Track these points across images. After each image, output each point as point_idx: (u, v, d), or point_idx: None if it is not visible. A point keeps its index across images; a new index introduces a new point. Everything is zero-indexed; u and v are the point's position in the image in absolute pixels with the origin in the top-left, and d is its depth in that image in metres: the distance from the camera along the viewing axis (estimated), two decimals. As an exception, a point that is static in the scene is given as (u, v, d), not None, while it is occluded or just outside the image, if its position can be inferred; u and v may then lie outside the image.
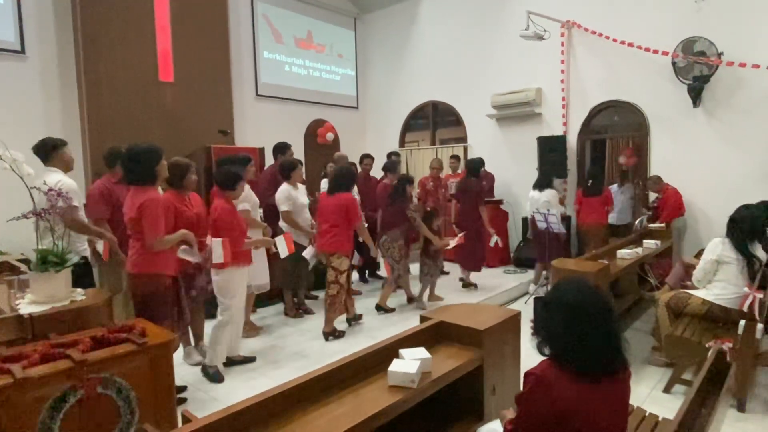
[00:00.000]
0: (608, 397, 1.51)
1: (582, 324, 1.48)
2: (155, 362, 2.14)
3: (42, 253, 2.45)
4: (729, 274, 3.31)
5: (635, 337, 4.27)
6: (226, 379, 3.52)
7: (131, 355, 2.07)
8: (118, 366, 2.03)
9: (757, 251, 3.32)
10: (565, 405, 1.45)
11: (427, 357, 2.05)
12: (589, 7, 6.85)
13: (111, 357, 2.01)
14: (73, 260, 2.56)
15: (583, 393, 1.46)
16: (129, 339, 2.13)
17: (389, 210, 5.07)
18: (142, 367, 2.11)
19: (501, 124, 8.00)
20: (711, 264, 3.38)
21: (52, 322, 2.34)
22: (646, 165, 6.65)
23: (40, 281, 2.44)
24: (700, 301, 3.41)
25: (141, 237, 2.95)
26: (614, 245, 4.87)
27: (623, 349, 1.54)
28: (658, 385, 3.39)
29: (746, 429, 2.81)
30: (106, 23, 5.93)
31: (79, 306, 2.44)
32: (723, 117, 5.95)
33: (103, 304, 2.58)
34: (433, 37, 8.77)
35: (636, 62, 6.43)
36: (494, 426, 1.96)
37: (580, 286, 1.55)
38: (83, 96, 5.85)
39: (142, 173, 2.97)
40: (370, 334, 4.39)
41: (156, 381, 2.13)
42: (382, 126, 9.65)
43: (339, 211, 4.24)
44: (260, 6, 8.00)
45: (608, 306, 1.54)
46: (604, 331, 1.49)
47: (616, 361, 1.52)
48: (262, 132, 7.56)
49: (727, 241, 3.36)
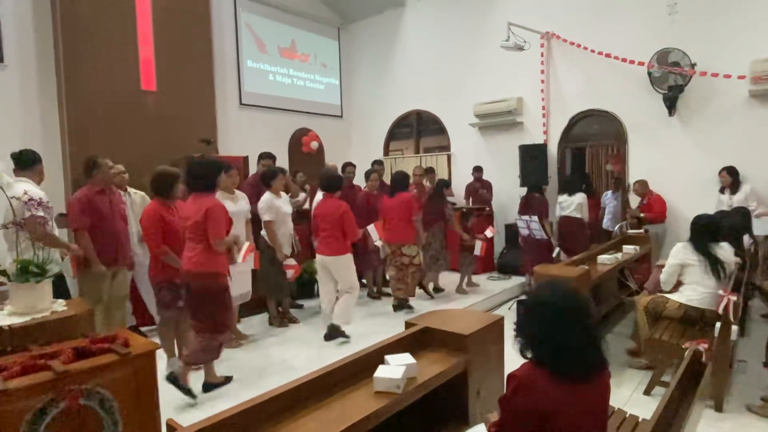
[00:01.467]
0: (589, 397, 1.54)
1: (562, 326, 1.51)
2: (139, 372, 2.11)
3: (22, 263, 2.41)
4: (695, 276, 3.45)
5: (616, 340, 4.33)
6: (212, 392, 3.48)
7: (114, 365, 2.04)
8: (101, 377, 2.00)
9: (718, 252, 3.43)
10: (546, 406, 1.48)
11: (412, 362, 2.07)
12: (567, 19, 7.02)
13: (93, 368, 1.98)
14: (54, 270, 2.52)
15: (564, 394, 1.49)
16: (112, 349, 2.10)
17: (429, 209, 5.76)
18: (125, 378, 2.08)
19: (483, 133, 8.12)
20: (675, 268, 3.53)
21: (32, 334, 2.30)
22: (625, 172, 6.80)
23: (20, 292, 2.40)
24: (677, 304, 3.51)
25: (203, 239, 3.24)
26: (595, 251, 4.96)
27: (603, 350, 1.58)
28: (639, 387, 3.44)
29: (723, 428, 2.88)
30: (87, 32, 5.88)
31: (60, 317, 2.40)
32: (697, 125, 6.14)
33: (85, 314, 2.54)
34: (417, 47, 8.88)
35: (613, 72, 6.59)
36: (479, 429, 1.97)
37: (560, 290, 1.59)
38: (63, 105, 5.78)
39: (206, 182, 3.34)
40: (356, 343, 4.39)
41: (140, 391, 2.10)
42: (366, 134, 9.71)
43: (401, 208, 5.11)
44: (243, 15, 8.02)
45: (587, 309, 1.57)
46: (584, 333, 1.52)
47: (596, 362, 1.55)
48: (246, 141, 7.56)
49: (688, 245, 3.51)
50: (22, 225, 2.44)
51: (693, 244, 3.49)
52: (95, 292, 3.70)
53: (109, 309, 3.92)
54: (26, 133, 5.50)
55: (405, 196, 5.18)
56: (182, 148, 6.25)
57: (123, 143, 6.07)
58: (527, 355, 1.60)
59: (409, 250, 5.20)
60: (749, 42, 5.66)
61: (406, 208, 5.11)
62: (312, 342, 4.50)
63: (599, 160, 7.85)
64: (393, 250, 5.26)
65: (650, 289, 4.24)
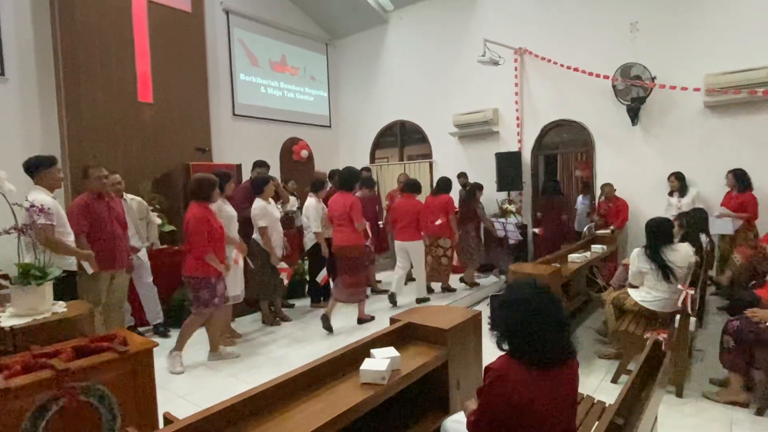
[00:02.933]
0: (560, 384, 1.56)
1: (533, 318, 1.53)
2: (137, 369, 2.10)
3: (23, 267, 2.38)
4: (649, 281, 3.50)
5: (586, 334, 4.39)
6: (206, 385, 3.46)
7: (113, 363, 2.03)
8: (100, 374, 1.99)
9: (669, 256, 3.43)
10: (521, 394, 1.49)
11: (397, 355, 2.08)
12: (539, 36, 7.13)
13: (92, 365, 1.96)
14: (55, 274, 2.49)
15: (537, 382, 1.51)
16: (111, 348, 2.08)
17: (463, 209, 6.34)
18: (124, 375, 2.06)
19: (462, 141, 8.19)
20: (635, 274, 3.60)
21: (33, 335, 2.26)
22: (593, 177, 6.92)
23: (21, 294, 2.36)
24: (633, 302, 3.60)
25: (350, 223, 4.58)
26: (565, 250, 5.03)
27: (571, 340, 1.61)
28: (607, 376, 3.50)
29: (683, 411, 2.94)
30: (86, 46, 5.81)
31: (61, 318, 2.37)
32: (657, 133, 6.28)
33: (85, 315, 2.51)
34: (400, 62, 8.94)
35: (581, 85, 6.72)
36: (458, 417, 2.00)
37: (530, 285, 1.61)
38: (63, 117, 5.69)
39: (350, 184, 4.78)
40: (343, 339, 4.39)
41: (138, 387, 2.09)
42: (353, 143, 9.72)
43: (443, 207, 5.74)
44: (236, 32, 7.99)
45: (556, 301, 1.60)
46: (554, 324, 1.55)
47: (566, 351, 1.58)
48: (239, 150, 7.53)
49: (642, 252, 3.52)
50: (23, 230, 2.40)
51: (646, 251, 3.50)
52: (94, 295, 3.64)
53: (108, 311, 3.87)
54: (27, 145, 5.39)
55: (446, 198, 5.82)
56: (178, 157, 6.20)
57: (120, 153, 6.01)
58: (503, 347, 1.62)
59: (444, 242, 5.85)
60: (703, 57, 5.82)
61: (446, 208, 5.75)
62: (303, 339, 4.49)
63: (570, 166, 7.99)
64: (431, 242, 5.82)
65: (615, 286, 4.33)
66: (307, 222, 5.44)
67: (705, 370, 3.48)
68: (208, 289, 3.69)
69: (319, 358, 2.03)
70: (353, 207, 4.64)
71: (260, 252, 4.66)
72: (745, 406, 2.93)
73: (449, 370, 2.31)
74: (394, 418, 2.23)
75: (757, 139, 5.59)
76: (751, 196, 5.28)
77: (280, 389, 1.78)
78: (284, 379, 1.81)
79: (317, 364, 1.96)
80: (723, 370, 3.10)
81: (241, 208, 4.76)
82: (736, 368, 2.98)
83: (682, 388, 3.14)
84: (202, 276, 3.66)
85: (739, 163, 5.62)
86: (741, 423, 2.78)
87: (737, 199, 5.31)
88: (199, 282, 3.68)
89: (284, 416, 1.68)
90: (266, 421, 1.64)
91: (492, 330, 1.69)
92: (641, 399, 1.86)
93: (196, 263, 3.64)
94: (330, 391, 1.89)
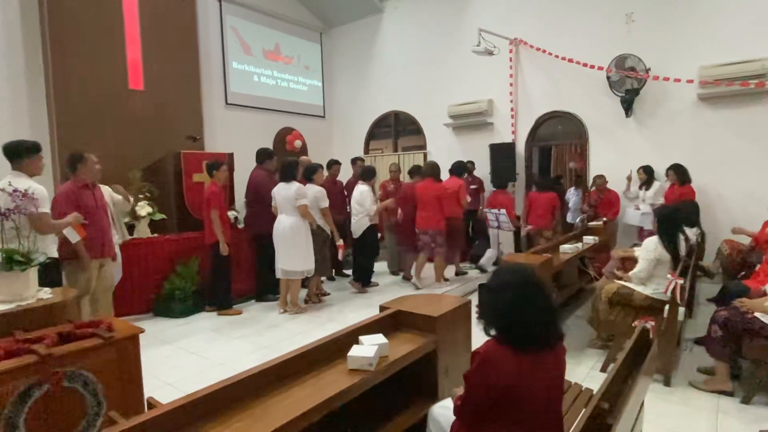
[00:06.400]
0: (546, 369, 1.56)
1: (520, 302, 1.53)
2: (123, 355, 2.07)
3: (7, 252, 2.34)
4: (663, 271, 3.39)
5: (576, 324, 4.42)
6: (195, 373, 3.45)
7: (98, 348, 2.00)
8: (85, 360, 1.97)
9: (680, 245, 3.45)
10: (507, 379, 1.49)
11: (384, 342, 2.07)
12: (534, 26, 7.09)
13: (77, 351, 1.94)
14: (39, 260, 2.45)
15: (523, 367, 1.50)
16: (96, 334, 2.06)
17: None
18: (109, 361, 2.04)
19: (457, 133, 8.16)
20: (652, 263, 3.41)
21: (18, 321, 2.24)
22: (586, 169, 6.93)
23: (5, 280, 2.32)
24: (643, 296, 3.47)
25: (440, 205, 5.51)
26: (557, 241, 5.04)
27: (558, 324, 1.61)
28: (596, 365, 3.52)
29: (671, 400, 2.96)
30: (75, 33, 5.72)
31: (46, 304, 2.34)
32: (651, 125, 6.28)
33: (70, 302, 2.48)
34: (395, 52, 8.87)
35: (576, 76, 6.70)
36: (446, 403, 2.00)
37: (517, 269, 1.61)
38: (52, 103, 5.61)
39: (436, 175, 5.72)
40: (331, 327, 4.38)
41: (123, 373, 2.07)
42: (347, 134, 9.67)
43: (548, 203, 6.04)
44: (229, 19, 7.89)
45: (542, 285, 1.59)
46: (541, 308, 1.54)
47: (553, 336, 1.57)
48: (231, 139, 7.46)
49: (658, 241, 3.42)
50: (6, 215, 2.36)
51: (662, 241, 3.41)
52: (84, 284, 3.60)
53: (96, 300, 3.83)
54: (15, 133, 5.28)
55: (552, 195, 6.16)
56: (169, 145, 6.13)
57: (110, 140, 5.93)
58: (491, 333, 1.61)
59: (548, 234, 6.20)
60: (698, 49, 5.81)
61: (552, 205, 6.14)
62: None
63: (564, 158, 7.99)
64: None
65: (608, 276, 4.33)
66: (359, 208, 5.58)
67: (694, 359, 3.51)
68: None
69: (307, 345, 2.01)
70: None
71: (320, 232, 5.05)
72: (731, 395, 2.96)
73: (438, 358, 2.30)
74: (382, 405, 2.22)
75: (750, 131, 5.60)
76: (690, 188, 5.62)
77: (266, 375, 1.76)
78: (270, 365, 1.79)
79: (304, 351, 1.94)
80: (711, 359, 3.12)
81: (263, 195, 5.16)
82: (723, 357, 3.00)
83: (670, 377, 3.16)
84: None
85: (733, 155, 5.66)
86: (727, 411, 2.80)
87: (678, 192, 5.59)
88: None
89: (269, 402, 1.67)
90: (251, 407, 1.63)
91: (479, 318, 1.68)
92: (628, 385, 1.87)
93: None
94: (317, 377, 1.87)
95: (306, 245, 4.77)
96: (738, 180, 5.67)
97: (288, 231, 4.69)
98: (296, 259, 4.70)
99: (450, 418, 1.75)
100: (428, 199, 5.54)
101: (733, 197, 5.70)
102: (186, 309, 4.92)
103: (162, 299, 4.94)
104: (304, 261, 4.75)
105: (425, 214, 5.57)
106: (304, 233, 4.75)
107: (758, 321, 2.88)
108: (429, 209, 5.53)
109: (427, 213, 5.56)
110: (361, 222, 5.60)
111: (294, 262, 4.71)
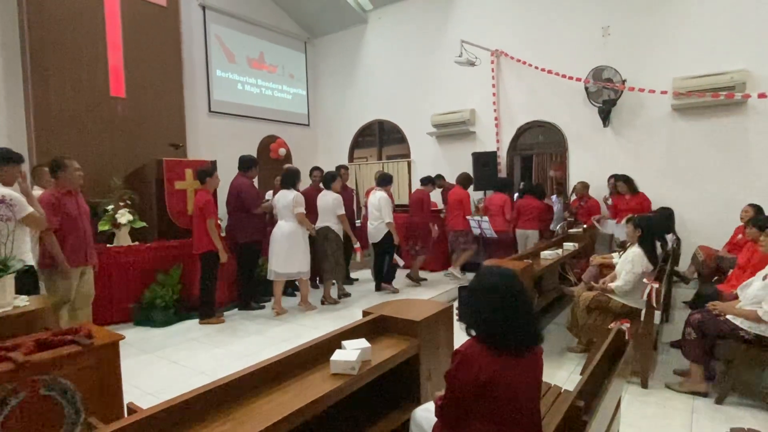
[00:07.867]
0: (524, 369, 1.59)
1: (500, 303, 1.56)
2: (102, 362, 2.04)
3: (-17, 259, 2.30)
4: (642, 283, 3.41)
5: (556, 329, 4.49)
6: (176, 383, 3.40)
7: (76, 356, 1.97)
8: (63, 367, 1.93)
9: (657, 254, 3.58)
10: (486, 377, 1.52)
11: (367, 346, 2.09)
12: (514, 38, 7.25)
13: (55, 358, 1.91)
14: (17, 267, 2.41)
15: (502, 366, 1.53)
16: (74, 341, 2.03)
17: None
18: (88, 368, 2.01)
19: (440, 141, 8.26)
20: (638, 276, 3.43)
21: (-7, 329, 2.19)
22: (566, 177, 7.07)
23: (-20, 288, 2.28)
24: (620, 304, 3.55)
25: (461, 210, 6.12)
26: (538, 247, 5.12)
27: (536, 326, 1.64)
28: (576, 369, 3.58)
29: (648, 402, 3.03)
30: (55, 39, 5.64)
31: (23, 311, 2.30)
32: (628, 135, 6.46)
33: (48, 310, 2.44)
34: (379, 61, 8.96)
35: (555, 87, 6.85)
36: (429, 406, 2.01)
37: (496, 272, 1.65)
38: (30, 109, 5.52)
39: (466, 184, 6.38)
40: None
41: (103, 381, 2.04)
42: (332, 142, 9.70)
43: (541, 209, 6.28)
44: (213, 27, 7.89)
45: (521, 287, 1.63)
46: (520, 310, 1.58)
47: (530, 335, 1.60)
48: (215, 146, 7.43)
49: (642, 253, 3.47)
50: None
51: (646, 252, 3.47)
52: (64, 291, 3.53)
53: (75, 308, 3.75)
54: (-8, 138, 5.21)
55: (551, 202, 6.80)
56: (151, 152, 6.08)
57: (91, 146, 5.86)
58: (471, 333, 1.65)
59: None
60: (671, 62, 6.01)
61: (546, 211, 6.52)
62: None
63: (545, 166, 8.14)
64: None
65: (586, 281, 4.42)
66: (377, 214, 5.73)
67: (670, 361, 3.59)
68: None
69: (290, 349, 2.01)
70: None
71: (335, 237, 5.34)
72: (705, 395, 3.04)
73: (420, 362, 2.33)
74: (366, 409, 2.23)
75: (720, 140, 5.80)
76: (644, 196, 5.84)
77: (248, 380, 1.77)
78: (252, 370, 1.79)
79: (287, 355, 1.95)
80: (687, 361, 3.20)
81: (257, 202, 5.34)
82: (697, 359, 3.09)
83: (646, 379, 3.23)
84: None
85: (704, 163, 5.84)
86: (701, 411, 2.88)
87: (633, 201, 5.80)
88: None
89: (251, 406, 1.67)
90: (233, 411, 1.63)
91: (460, 320, 1.71)
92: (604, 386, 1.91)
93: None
94: (299, 381, 1.88)
95: (302, 249, 5.08)
96: (710, 187, 5.85)
97: (286, 236, 5.00)
98: (292, 262, 5.00)
99: (432, 420, 1.77)
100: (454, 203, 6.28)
101: (706, 204, 5.88)
102: (167, 318, 4.85)
103: (143, 308, 4.86)
104: (300, 264, 5.06)
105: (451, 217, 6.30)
106: (301, 238, 5.06)
107: (730, 323, 2.97)
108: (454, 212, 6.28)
109: (452, 215, 6.28)
110: (379, 227, 5.83)
111: (289, 264, 5.00)
